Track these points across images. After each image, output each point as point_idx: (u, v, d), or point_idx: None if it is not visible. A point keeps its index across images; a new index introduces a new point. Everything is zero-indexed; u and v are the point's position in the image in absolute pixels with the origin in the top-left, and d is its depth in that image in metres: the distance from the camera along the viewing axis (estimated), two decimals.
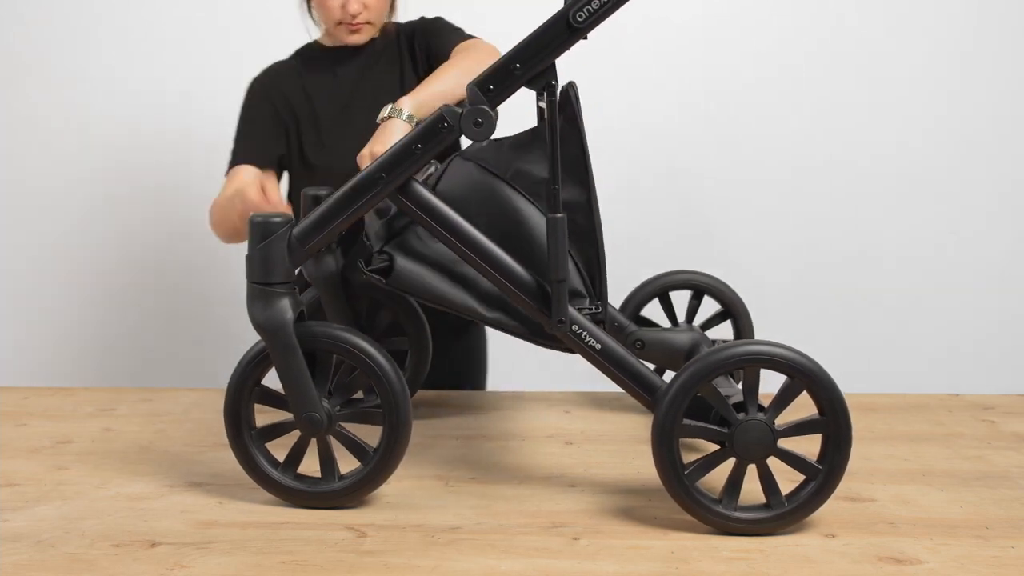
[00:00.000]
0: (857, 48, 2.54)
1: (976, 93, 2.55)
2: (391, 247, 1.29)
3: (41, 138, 2.57)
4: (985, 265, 2.60)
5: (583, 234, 1.25)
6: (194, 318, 2.63)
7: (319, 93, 1.76)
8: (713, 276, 1.62)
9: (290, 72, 1.78)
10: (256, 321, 1.17)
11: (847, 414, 1.12)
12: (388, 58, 1.77)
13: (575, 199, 1.23)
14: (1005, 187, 2.58)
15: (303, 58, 1.80)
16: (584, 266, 1.26)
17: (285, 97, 1.75)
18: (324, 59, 1.78)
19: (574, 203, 1.23)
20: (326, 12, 1.69)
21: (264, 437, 1.23)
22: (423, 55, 1.76)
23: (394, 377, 1.18)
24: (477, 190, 1.27)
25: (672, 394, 1.12)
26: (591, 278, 1.26)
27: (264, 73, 1.79)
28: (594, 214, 1.24)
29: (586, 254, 1.25)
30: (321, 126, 1.74)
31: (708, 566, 1.07)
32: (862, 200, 2.59)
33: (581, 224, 1.24)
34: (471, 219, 1.20)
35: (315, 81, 1.76)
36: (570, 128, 1.21)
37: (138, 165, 2.56)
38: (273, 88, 1.76)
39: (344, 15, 1.67)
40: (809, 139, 2.57)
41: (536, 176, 1.26)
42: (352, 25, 1.68)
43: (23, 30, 2.54)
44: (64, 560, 1.09)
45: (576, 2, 1.09)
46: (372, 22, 1.70)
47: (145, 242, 2.60)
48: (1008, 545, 1.12)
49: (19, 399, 1.69)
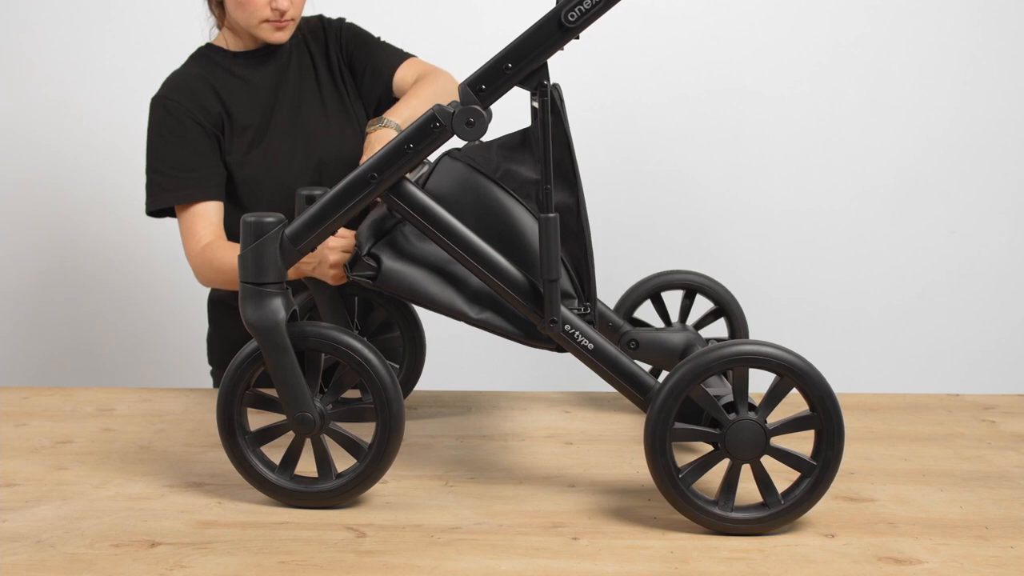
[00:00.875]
0: (857, 48, 2.54)
1: (976, 93, 2.55)
2: (378, 248, 1.29)
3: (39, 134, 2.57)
4: (985, 265, 2.60)
5: (571, 235, 1.25)
6: (194, 318, 2.63)
7: (237, 102, 1.63)
8: (706, 275, 1.62)
9: (201, 82, 1.62)
10: (248, 321, 1.17)
11: (838, 408, 1.12)
12: (298, 61, 1.68)
13: (563, 201, 1.24)
14: (1005, 187, 2.58)
15: (205, 63, 1.65)
16: (573, 267, 1.26)
17: (206, 111, 1.60)
18: (233, 64, 1.65)
19: (562, 205, 1.24)
20: (250, 9, 1.55)
21: (258, 440, 1.23)
22: (344, 63, 1.69)
23: (385, 374, 1.19)
24: (467, 190, 1.27)
25: (662, 398, 1.12)
26: (580, 279, 1.26)
27: (173, 89, 1.61)
28: (582, 216, 1.25)
29: (574, 255, 1.26)
30: (246, 137, 1.63)
31: (707, 566, 1.07)
32: (861, 200, 2.58)
33: (569, 225, 1.25)
34: (460, 219, 1.20)
35: (229, 89, 1.63)
36: (556, 130, 1.22)
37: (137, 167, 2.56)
38: (192, 103, 1.59)
39: (272, 13, 1.55)
40: (807, 138, 2.57)
41: (525, 177, 1.27)
42: (279, 22, 1.57)
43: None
44: (64, 560, 1.09)
45: (568, 2, 1.09)
46: (295, 19, 1.60)
47: (145, 242, 2.59)
48: (1008, 545, 1.12)
49: (19, 399, 1.69)
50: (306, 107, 1.67)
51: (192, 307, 2.62)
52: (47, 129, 2.58)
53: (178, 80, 1.64)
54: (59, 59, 2.55)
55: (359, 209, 1.19)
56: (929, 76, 2.55)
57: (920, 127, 2.56)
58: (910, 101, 2.56)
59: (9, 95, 2.57)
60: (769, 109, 2.55)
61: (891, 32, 2.53)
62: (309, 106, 1.67)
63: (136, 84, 2.54)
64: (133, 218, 2.59)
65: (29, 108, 2.57)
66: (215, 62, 1.66)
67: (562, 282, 1.23)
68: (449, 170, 1.30)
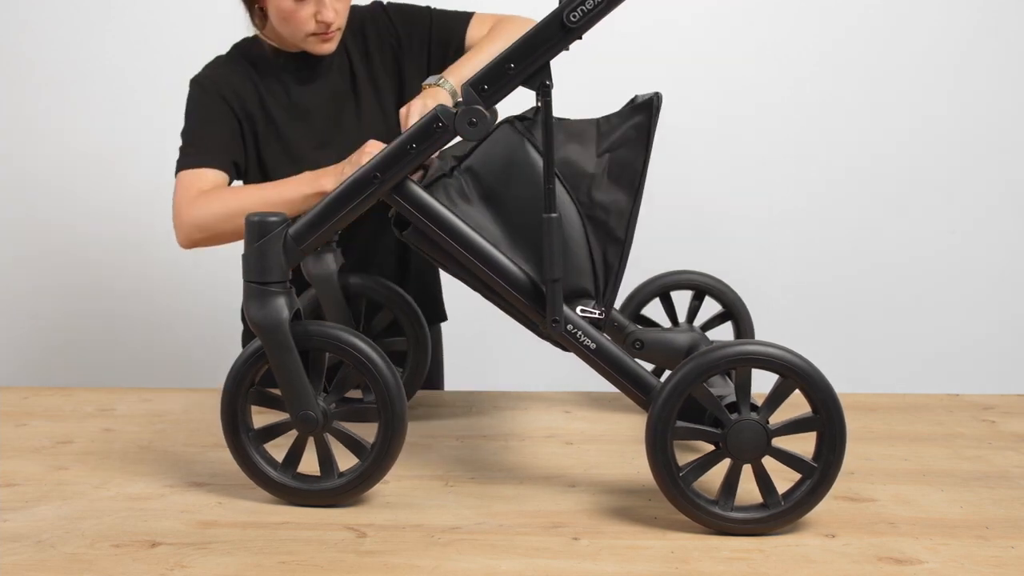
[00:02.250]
0: (858, 48, 2.54)
1: (977, 93, 2.55)
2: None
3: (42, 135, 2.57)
4: (985, 265, 2.60)
5: (613, 240, 1.22)
6: (194, 318, 2.63)
7: (276, 100, 1.61)
8: (714, 276, 1.62)
9: (242, 73, 1.62)
10: (252, 320, 1.18)
11: (840, 410, 1.12)
12: (339, 64, 1.65)
13: (617, 203, 1.22)
14: (1005, 187, 2.59)
15: (249, 58, 1.64)
16: (603, 270, 1.23)
17: (241, 99, 1.60)
18: (275, 65, 1.63)
19: (613, 206, 1.22)
20: (295, 25, 1.52)
21: (261, 438, 1.23)
22: (392, 55, 1.65)
23: (388, 373, 1.18)
24: (516, 164, 1.23)
25: (664, 396, 1.12)
26: (605, 283, 1.23)
27: (213, 70, 1.62)
28: (630, 225, 1.22)
29: (609, 260, 1.23)
30: (283, 135, 1.61)
31: (708, 566, 1.07)
32: (863, 200, 2.59)
33: (614, 230, 1.22)
34: (505, 191, 1.19)
35: (269, 86, 1.62)
36: (637, 135, 1.21)
37: (137, 167, 2.56)
38: (227, 88, 1.59)
39: (318, 26, 1.52)
40: (810, 139, 2.57)
41: (580, 168, 1.23)
42: (325, 35, 1.54)
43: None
44: (64, 560, 1.09)
45: (570, 2, 1.09)
46: (341, 28, 1.57)
47: (146, 242, 2.59)
48: (1008, 545, 1.12)
49: (19, 399, 1.69)
50: (344, 111, 1.64)
51: (193, 307, 2.63)
52: (47, 130, 2.58)
53: (220, 66, 1.63)
54: (59, 59, 2.55)
55: (363, 209, 1.19)
56: (929, 76, 2.55)
57: (920, 127, 2.56)
58: (910, 101, 2.56)
59: (9, 95, 2.56)
60: (775, 110, 2.55)
61: (891, 32, 2.54)
62: (346, 109, 1.64)
63: (136, 84, 2.54)
64: (134, 218, 2.59)
65: (29, 108, 2.57)
66: (257, 57, 1.63)
67: (585, 280, 1.22)
68: (505, 139, 1.25)
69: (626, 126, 1.23)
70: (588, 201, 1.22)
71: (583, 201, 1.22)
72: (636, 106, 1.24)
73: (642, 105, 1.23)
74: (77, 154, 2.58)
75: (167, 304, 2.62)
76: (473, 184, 1.24)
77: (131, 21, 2.54)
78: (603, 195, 1.22)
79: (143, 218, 2.59)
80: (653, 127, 1.22)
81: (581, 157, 1.24)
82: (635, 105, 1.25)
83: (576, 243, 1.21)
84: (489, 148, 1.25)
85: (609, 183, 1.22)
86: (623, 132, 1.23)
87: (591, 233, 1.22)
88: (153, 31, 2.53)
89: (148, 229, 2.59)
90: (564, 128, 1.27)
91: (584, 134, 1.26)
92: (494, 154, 1.24)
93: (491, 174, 1.23)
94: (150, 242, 2.59)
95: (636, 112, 1.23)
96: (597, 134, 1.25)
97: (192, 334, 2.64)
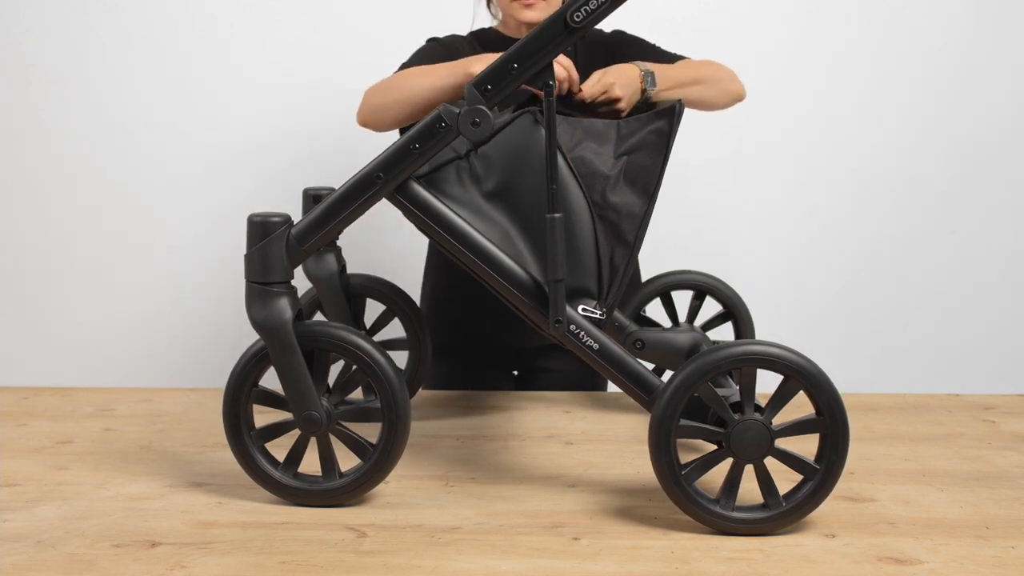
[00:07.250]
0: (858, 48, 2.54)
1: (977, 93, 2.55)
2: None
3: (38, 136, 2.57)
4: (985, 265, 2.60)
5: (622, 243, 1.22)
6: (195, 318, 2.63)
7: None
8: (715, 276, 1.62)
9: (470, 47, 1.73)
10: (255, 320, 1.18)
11: (844, 413, 1.12)
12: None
13: (630, 207, 1.22)
14: (1005, 188, 2.59)
15: (479, 38, 1.78)
16: (609, 271, 1.23)
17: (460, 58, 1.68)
18: (497, 45, 1.71)
19: (626, 209, 1.22)
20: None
21: (263, 437, 1.23)
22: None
23: (392, 374, 1.19)
24: (534, 154, 1.21)
25: (668, 394, 1.12)
26: (609, 284, 1.23)
27: (444, 37, 1.75)
28: (641, 230, 1.22)
29: (615, 262, 1.23)
30: None
31: (708, 566, 1.07)
32: (863, 200, 2.58)
33: (624, 233, 1.22)
34: (520, 181, 1.19)
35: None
36: (657, 140, 1.21)
37: (137, 167, 2.56)
38: (452, 49, 1.69)
39: None
40: (811, 139, 2.57)
41: (594, 168, 1.23)
42: (526, 1, 1.66)
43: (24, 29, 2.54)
44: (64, 560, 1.09)
45: (574, 2, 1.10)
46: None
47: (146, 242, 2.59)
48: (1008, 545, 1.12)
49: (19, 399, 1.69)
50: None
51: (193, 307, 2.63)
52: (47, 129, 2.57)
53: (451, 36, 1.75)
54: (59, 59, 2.55)
55: (366, 209, 1.19)
56: (929, 76, 2.55)
57: (920, 127, 2.56)
58: (910, 101, 2.56)
59: (9, 95, 2.56)
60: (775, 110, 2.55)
61: (892, 33, 2.54)
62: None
63: (136, 84, 2.54)
64: (135, 218, 2.59)
65: (29, 108, 2.57)
66: (485, 39, 1.76)
67: (588, 280, 1.21)
68: (526, 130, 1.24)
69: (646, 130, 1.24)
70: (602, 201, 1.22)
71: (597, 201, 1.22)
72: (658, 112, 1.24)
73: (664, 111, 1.23)
74: (77, 153, 2.58)
75: (167, 304, 2.62)
76: (487, 171, 1.23)
77: (131, 22, 2.54)
78: (617, 197, 1.22)
79: (143, 218, 2.59)
80: (673, 134, 1.21)
81: (598, 157, 1.24)
82: (657, 111, 1.25)
83: (585, 242, 1.21)
84: (507, 137, 1.24)
85: (624, 186, 1.22)
86: (643, 136, 1.23)
87: (601, 233, 1.22)
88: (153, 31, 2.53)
89: (148, 229, 2.59)
90: (583, 126, 1.27)
91: (604, 135, 1.26)
92: (512, 143, 1.23)
93: (507, 163, 1.22)
94: (150, 242, 2.59)
95: (658, 117, 1.23)
96: (617, 136, 1.25)
97: (192, 334, 2.64)
